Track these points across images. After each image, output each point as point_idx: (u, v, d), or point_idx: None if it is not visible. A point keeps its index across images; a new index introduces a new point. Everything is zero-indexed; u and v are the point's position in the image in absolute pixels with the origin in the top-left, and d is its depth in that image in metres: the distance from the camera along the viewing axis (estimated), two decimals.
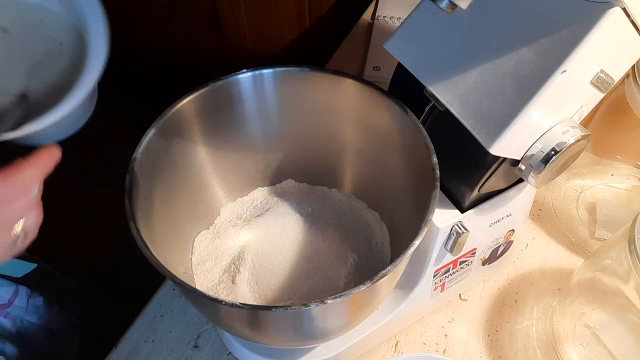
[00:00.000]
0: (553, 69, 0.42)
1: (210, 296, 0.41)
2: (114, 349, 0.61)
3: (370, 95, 0.53)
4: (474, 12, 0.42)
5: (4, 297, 0.62)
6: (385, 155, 0.56)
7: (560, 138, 0.45)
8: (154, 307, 0.64)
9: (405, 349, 0.62)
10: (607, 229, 0.69)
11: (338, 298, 0.40)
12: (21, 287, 0.64)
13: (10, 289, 0.63)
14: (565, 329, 0.60)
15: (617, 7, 0.40)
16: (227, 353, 0.61)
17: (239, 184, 0.61)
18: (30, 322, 0.65)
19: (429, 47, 0.48)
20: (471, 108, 0.45)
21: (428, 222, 0.44)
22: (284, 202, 0.60)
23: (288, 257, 0.57)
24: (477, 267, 0.61)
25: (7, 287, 0.62)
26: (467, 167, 0.49)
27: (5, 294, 0.63)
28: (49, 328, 0.67)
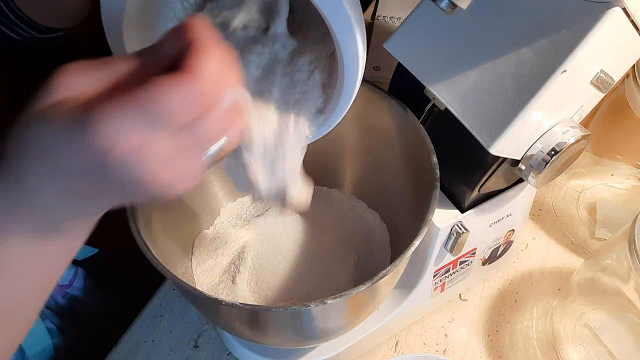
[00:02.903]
0: (553, 69, 0.42)
1: (210, 296, 0.41)
2: (114, 349, 0.61)
3: (370, 95, 0.53)
4: (474, 12, 0.42)
5: (66, 277, 0.63)
6: (385, 155, 0.56)
7: (560, 138, 0.45)
8: (154, 307, 0.64)
9: (405, 349, 0.62)
10: (607, 229, 0.69)
11: (338, 298, 0.40)
12: (80, 269, 0.66)
13: (71, 270, 0.64)
14: (565, 329, 0.60)
15: (617, 7, 0.40)
16: (227, 353, 0.61)
17: None
18: (83, 302, 0.66)
19: (429, 47, 0.48)
20: (471, 108, 0.45)
21: (428, 222, 0.44)
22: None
23: (288, 257, 0.57)
24: (477, 267, 0.61)
25: (69, 268, 0.63)
26: (467, 167, 0.49)
27: (67, 274, 0.64)
28: (99, 309, 0.68)
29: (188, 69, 0.27)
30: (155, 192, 0.29)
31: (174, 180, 0.29)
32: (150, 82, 0.27)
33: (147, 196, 0.29)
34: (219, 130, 0.30)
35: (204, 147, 0.30)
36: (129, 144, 0.26)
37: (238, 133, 0.32)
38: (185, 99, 0.27)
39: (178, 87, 0.27)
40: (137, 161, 0.27)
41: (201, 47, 0.28)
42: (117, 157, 0.26)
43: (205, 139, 0.29)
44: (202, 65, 0.27)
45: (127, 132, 0.26)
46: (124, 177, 0.27)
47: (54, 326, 0.62)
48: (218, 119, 0.29)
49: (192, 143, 0.29)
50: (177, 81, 0.27)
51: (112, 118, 0.26)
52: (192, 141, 0.29)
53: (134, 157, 0.27)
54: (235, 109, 0.31)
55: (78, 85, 0.28)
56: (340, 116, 0.41)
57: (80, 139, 0.26)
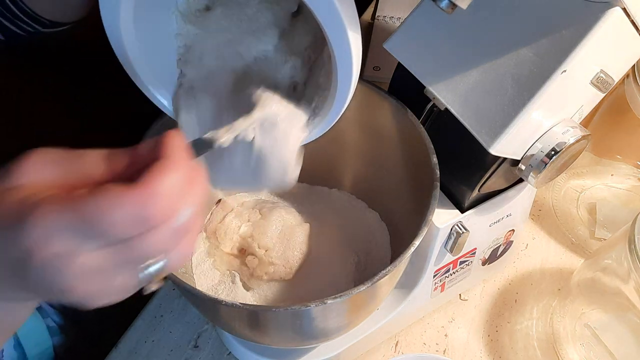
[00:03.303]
0: (553, 69, 0.42)
1: (210, 296, 0.42)
2: (114, 349, 0.61)
3: (370, 95, 0.53)
4: (474, 12, 0.42)
5: None
6: (385, 155, 0.56)
7: (560, 138, 0.45)
8: (154, 307, 0.64)
9: (405, 349, 0.62)
10: (607, 229, 0.69)
11: (338, 298, 0.40)
12: None
13: None
14: (565, 329, 0.60)
15: (617, 7, 0.40)
16: (227, 353, 0.61)
17: None
18: None
19: (429, 47, 0.48)
20: (471, 108, 0.45)
21: (428, 222, 0.44)
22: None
23: None
24: (477, 267, 0.61)
25: None
26: (467, 167, 0.49)
27: None
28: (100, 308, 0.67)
29: (143, 184, 0.26)
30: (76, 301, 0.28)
31: (96, 293, 0.28)
32: (98, 190, 0.26)
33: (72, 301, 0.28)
34: (158, 250, 0.28)
35: (138, 264, 0.28)
36: (51, 251, 0.26)
37: (182, 256, 0.30)
38: (128, 218, 0.26)
39: (124, 201, 0.26)
40: (56, 269, 0.26)
41: (165, 164, 0.27)
42: (38, 261, 0.26)
43: (141, 257, 0.28)
44: (160, 182, 0.26)
45: (53, 239, 0.26)
46: (43, 281, 0.27)
47: (55, 325, 0.62)
48: (161, 239, 0.28)
49: (125, 259, 0.28)
50: (126, 195, 0.26)
51: (43, 222, 0.26)
52: (126, 257, 0.28)
53: (55, 264, 0.26)
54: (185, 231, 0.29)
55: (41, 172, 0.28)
56: (334, 119, 0.41)
57: (11, 235, 0.26)
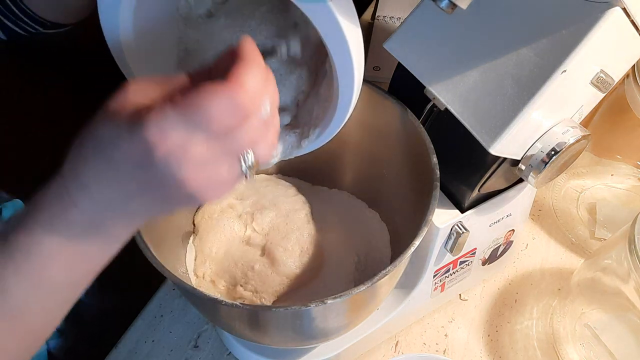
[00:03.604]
0: (553, 69, 0.42)
1: (210, 296, 0.42)
2: (114, 349, 0.61)
3: (370, 95, 0.53)
4: (474, 12, 0.42)
5: None
6: (385, 155, 0.56)
7: (560, 138, 0.45)
8: (154, 307, 0.64)
9: (405, 349, 0.62)
10: (607, 229, 0.69)
11: (338, 298, 0.40)
12: None
13: None
14: (565, 329, 0.60)
15: (617, 7, 0.40)
16: (227, 353, 0.61)
17: None
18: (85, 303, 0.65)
19: (429, 47, 0.48)
20: (471, 108, 0.45)
21: (428, 222, 0.44)
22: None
23: None
24: (477, 267, 0.61)
25: None
26: (467, 167, 0.49)
27: None
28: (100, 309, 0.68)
29: (232, 79, 0.29)
30: (189, 195, 0.31)
31: (206, 185, 0.31)
32: (196, 89, 0.29)
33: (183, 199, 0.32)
34: (252, 141, 0.31)
35: (236, 155, 0.31)
36: (169, 145, 0.29)
37: (270, 146, 0.33)
38: (225, 107, 0.29)
39: (220, 94, 0.29)
40: (176, 161, 0.29)
41: (247, 61, 0.30)
42: (159, 155, 0.29)
43: (238, 148, 0.31)
44: (246, 76, 0.30)
45: (169, 134, 0.29)
46: (164, 175, 0.30)
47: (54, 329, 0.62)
48: (253, 129, 0.31)
49: (228, 149, 0.31)
50: (220, 89, 0.29)
51: (157, 121, 0.29)
52: (226, 149, 0.31)
53: (174, 156, 0.29)
54: (269, 122, 0.32)
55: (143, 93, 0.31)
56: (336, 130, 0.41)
57: (130, 138, 0.29)
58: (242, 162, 0.32)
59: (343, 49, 0.34)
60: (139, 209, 0.33)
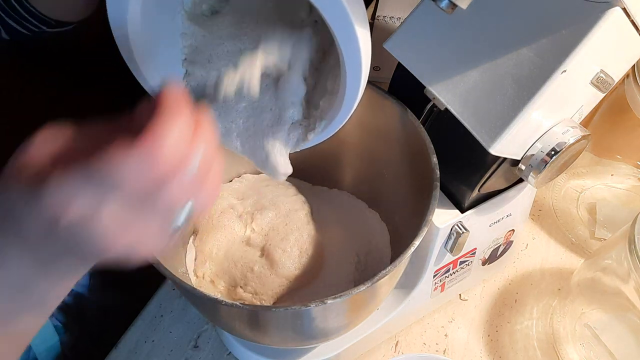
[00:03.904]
0: (553, 69, 0.42)
1: (210, 296, 0.41)
2: (114, 349, 0.61)
3: (370, 95, 0.53)
4: (474, 12, 0.42)
5: None
6: (385, 155, 0.56)
7: (560, 138, 0.45)
8: (154, 307, 0.64)
9: (405, 349, 0.62)
10: (607, 229, 0.69)
11: (338, 298, 0.40)
12: None
13: None
14: (565, 329, 0.60)
15: (617, 7, 0.40)
16: (227, 353, 0.61)
17: None
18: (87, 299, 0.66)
19: (429, 47, 0.48)
20: (471, 108, 0.45)
21: (428, 222, 0.44)
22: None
23: None
24: (477, 267, 0.61)
25: None
26: (467, 167, 0.49)
27: None
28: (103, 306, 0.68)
29: (147, 137, 0.27)
30: (117, 255, 0.29)
31: (135, 244, 0.29)
32: (106, 149, 0.27)
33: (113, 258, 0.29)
34: (182, 199, 0.29)
35: (165, 213, 0.29)
36: (77, 211, 0.27)
37: (209, 197, 0.31)
38: (137, 171, 0.26)
39: (131, 158, 0.26)
40: (86, 227, 0.27)
41: (167, 114, 0.27)
42: (67, 223, 0.27)
43: (165, 206, 0.29)
44: (163, 133, 0.27)
45: (76, 200, 0.27)
46: (77, 242, 0.28)
47: (59, 323, 0.62)
48: (182, 188, 0.28)
49: (152, 210, 0.28)
50: (132, 152, 0.26)
51: (62, 186, 0.27)
52: (148, 209, 0.28)
53: (84, 223, 0.27)
54: (204, 174, 0.29)
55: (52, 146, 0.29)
56: (341, 122, 0.41)
57: (34, 205, 0.27)
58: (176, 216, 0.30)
59: (352, 40, 0.34)
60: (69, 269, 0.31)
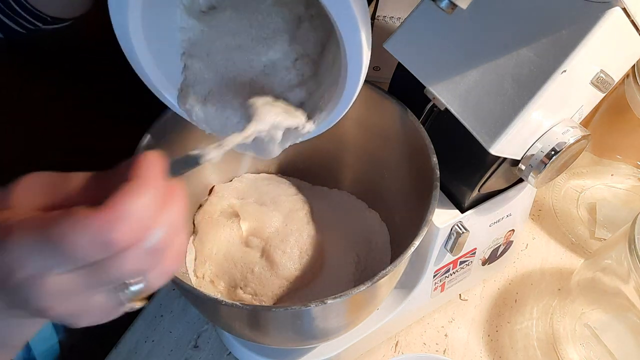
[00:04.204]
0: (553, 69, 0.42)
1: (210, 296, 0.41)
2: (114, 349, 0.61)
3: (370, 95, 0.53)
4: (474, 12, 0.42)
5: None
6: (385, 155, 0.56)
7: (560, 138, 0.45)
8: (154, 307, 0.64)
9: (405, 349, 0.62)
10: (607, 229, 0.69)
11: (338, 298, 0.40)
12: None
13: None
14: (565, 329, 0.60)
15: (617, 7, 0.40)
16: (227, 353, 0.61)
17: None
18: None
19: (429, 47, 0.48)
20: (471, 108, 0.45)
21: (428, 222, 0.44)
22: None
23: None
24: (477, 267, 0.61)
25: None
26: (467, 167, 0.49)
27: None
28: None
29: (108, 206, 0.26)
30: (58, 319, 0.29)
31: (76, 313, 0.29)
32: (65, 214, 0.26)
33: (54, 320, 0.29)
34: (133, 272, 0.28)
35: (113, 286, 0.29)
36: (26, 272, 0.27)
37: (162, 275, 0.30)
38: (91, 239, 0.26)
39: (87, 224, 0.26)
40: (29, 290, 0.27)
41: (133, 186, 0.27)
42: (14, 282, 0.27)
43: (114, 279, 0.28)
44: (123, 204, 0.26)
45: (25, 262, 0.27)
46: (21, 300, 0.28)
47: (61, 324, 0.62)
48: (133, 261, 0.28)
49: (98, 281, 0.28)
50: (89, 218, 0.26)
51: (15, 244, 0.27)
52: (98, 279, 0.28)
53: (27, 285, 0.27)
54: (160, 252, 0.29)
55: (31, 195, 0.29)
56: (340, 114, 0.41)
57: None
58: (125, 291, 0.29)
59: (354, 31, 0.34)
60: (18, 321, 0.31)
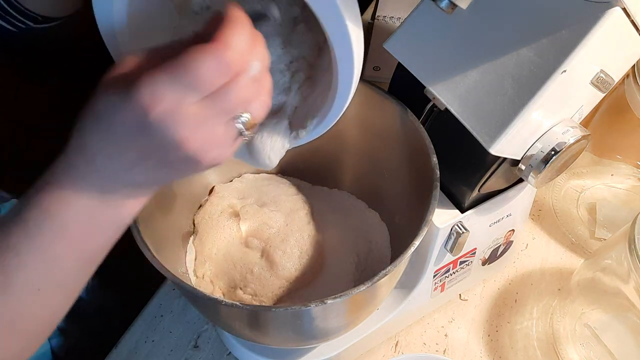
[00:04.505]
0: (553, 69, 0.42)
1: (210, 296, 0.41)
2: (114, 349, 0.61)
3: (370, 95, 0.53)
4: (474, 12, 0.42)
5: None
6: (385, 155, 0.56)
7: (560, 138, 0.45)
8: (154, 307, 0.64)
9: (405, 349, 0.62)
10: (607, 229, 0.69)
11: (338, 298, 0.40)
12: None
13: None
14: (565, 329, 0.60)
15: (617, 7, 0.40)
16: (227, 353, 0.61)
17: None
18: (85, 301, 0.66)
19: (429, 47, 0.48)
20: (471, 108, 0.45)
21: (428, 222, 0.44)
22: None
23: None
24: (477, 267, 0.61)
25: None
26: (467, 167, 0.49)
27: None
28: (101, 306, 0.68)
29: (218, 39, 0.30)
30: (188, 157, 0.32)
31: (204, 146, 0.32)
32: (184, 51, 0.30)
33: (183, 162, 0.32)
34: (244, 99, 0.32)
35: (229, 114, 0.32)
36: (162, 107, 0.30)
37: (264, 105, 0.34)
38: (212, 65, 0.30)
39: (207, 54, 0.30)
40: (170, 122, 0.30)
41: (232, 22, 0.31)
42: (154, 117, 0.30)
43: (231, 106, 0.32)
44: (231, 36, 0.30)
45: (160, 96, 0.30)
46: (160, 137, 0.31)
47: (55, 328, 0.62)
48: (243, 88, 0.32)
49: (218, 109, 0.31)
50: (207, 49, 0.30)
51: (149, 84, 0.30)
52: (218, 108, 0.31)
53: (167, 118, 0.30)
54: (261, 81, 0.33)
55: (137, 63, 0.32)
56: (333, 120, 0.41)
57: (123, 104, 0.30)
58: (238, 121, 0.33)
59: (344, 36, 0.34)
60: (144, 177, 0.33)
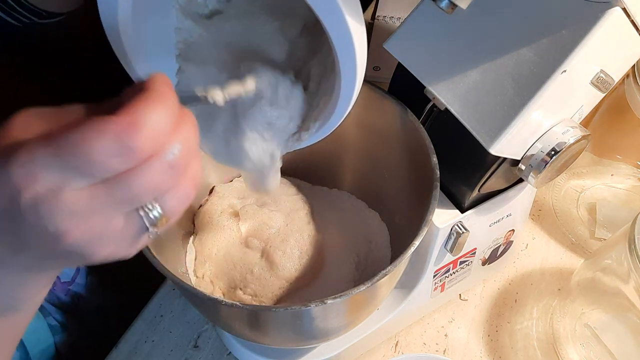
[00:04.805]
0: (553, 69, 0.42)
1: (210, 296, 0.41)
2: (114, 349, 0.61)
3: (370, 95, 0.53)
4: (474, 12, 0.42)
5: (68, 274, 0.63)
6: (385, 155, 0.56)
7: (560, 138, 0.45)
8: (154, 307, 0.64)
9: (405, 349, 0.62)
10: (607, 229, 0.69)
11: (338, 298, 0.40)
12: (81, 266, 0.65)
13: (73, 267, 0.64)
14: (565, 329, 0.60)
15: (617, 7, 0.40)
16: (227, 353, 0.61)
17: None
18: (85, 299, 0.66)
19: (429, 47, 0.48)
20: (471, 108, 0.45)
21: (428, 222, 0.44)
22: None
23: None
24: (477, 267, 0.61)
25: None
26: (467, 167, 0.49)
27: (70, 271, 0.64)
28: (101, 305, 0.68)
29: (126, 113, 0.24)
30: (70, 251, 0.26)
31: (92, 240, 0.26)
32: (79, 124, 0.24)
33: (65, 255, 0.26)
34: (153, 189, 0.26)
35: (132, 205, 0.26)
36: (38, 188, 0.24)
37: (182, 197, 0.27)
38: (110, 148, 0.24)
39: (104, 134, 0.24)
40: (46, 209, 0.24)
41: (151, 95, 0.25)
42: (24, 202, 0.24)
43: (132, 196, 0.25)
44: (145, 112, 0.24)
45: (38, 175, 0.24)
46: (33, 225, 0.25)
47: (57, 323, 0.62)
48: (155, 175, 0.25)
49: (119, 197, 0.25)
50: (105, 127, 0.24)
51: (25, 161, 0.24)
52: (119, 195, 0.25)
53: (43, 204, 0.24)
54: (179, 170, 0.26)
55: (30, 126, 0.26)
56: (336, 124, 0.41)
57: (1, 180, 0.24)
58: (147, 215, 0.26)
59: (347, 41, 0.34)
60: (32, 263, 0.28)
